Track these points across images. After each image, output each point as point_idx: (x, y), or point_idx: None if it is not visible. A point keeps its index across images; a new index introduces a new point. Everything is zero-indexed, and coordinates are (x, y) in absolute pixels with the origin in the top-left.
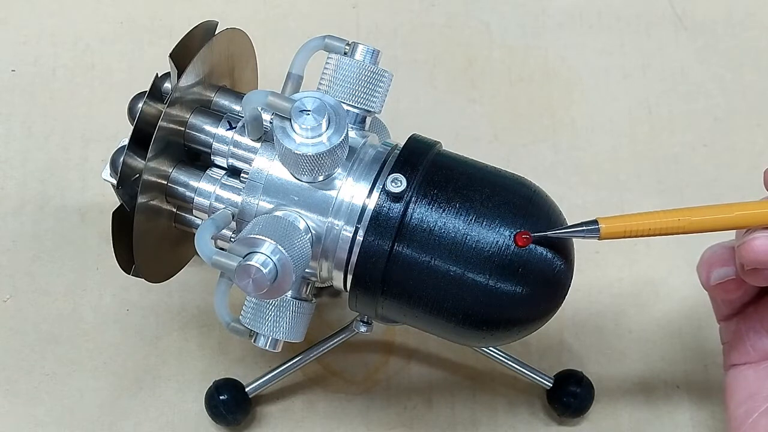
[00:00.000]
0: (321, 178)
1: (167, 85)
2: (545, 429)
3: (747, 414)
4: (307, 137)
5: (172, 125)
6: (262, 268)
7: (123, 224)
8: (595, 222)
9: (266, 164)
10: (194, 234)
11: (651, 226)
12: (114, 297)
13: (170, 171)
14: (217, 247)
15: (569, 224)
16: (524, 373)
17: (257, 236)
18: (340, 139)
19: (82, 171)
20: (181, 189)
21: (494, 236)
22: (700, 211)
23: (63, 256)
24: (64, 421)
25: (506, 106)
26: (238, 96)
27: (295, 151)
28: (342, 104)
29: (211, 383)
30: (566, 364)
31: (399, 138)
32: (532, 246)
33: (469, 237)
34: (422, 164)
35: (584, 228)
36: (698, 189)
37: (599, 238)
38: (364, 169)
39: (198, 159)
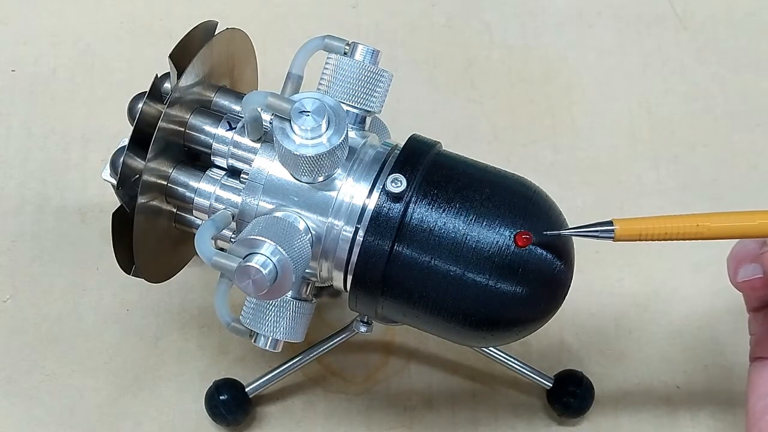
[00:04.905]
0: (321, 178)
1: (167, 85)
2: (545, 429)
3: (765, 409)
4: (306, 138)
5: (171, 126)
6: (261, 269)
7: (123, 224)
8: (610, 223)
9: (266, 165)
10: (194, 234)
11: (668, 230)
12: (114, 297)
13: (170, 171)
14: (217, 247)
15: (582, 224)
16: (524, 373)
17: (257, 237)
18: (340, 140)
19: (82, 171)
20: (181, 189)
21: (494, 236)
22: (719, 217)
23: (63, 256)
24: (64, 421)
25: (506, 106)
26: (238, 96)
27: (295, 152)
28: (342, 104)
29: (211, 383)
30: (566, 364)
31: (399, 138)
32: (532, 246)
33: (469, 237)
34: (422, 164)
35: (599, 229)
36: (698, 189)
37: (614, 240)
38: (364, 169)
39: (198, 159)
